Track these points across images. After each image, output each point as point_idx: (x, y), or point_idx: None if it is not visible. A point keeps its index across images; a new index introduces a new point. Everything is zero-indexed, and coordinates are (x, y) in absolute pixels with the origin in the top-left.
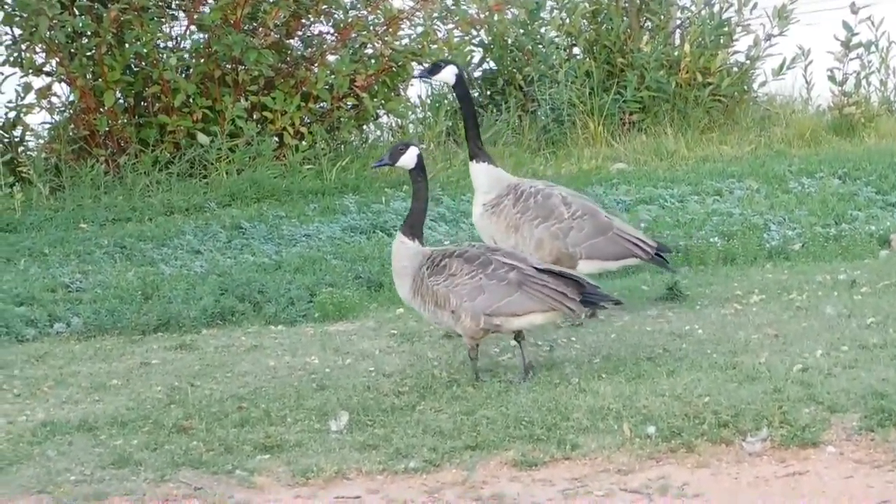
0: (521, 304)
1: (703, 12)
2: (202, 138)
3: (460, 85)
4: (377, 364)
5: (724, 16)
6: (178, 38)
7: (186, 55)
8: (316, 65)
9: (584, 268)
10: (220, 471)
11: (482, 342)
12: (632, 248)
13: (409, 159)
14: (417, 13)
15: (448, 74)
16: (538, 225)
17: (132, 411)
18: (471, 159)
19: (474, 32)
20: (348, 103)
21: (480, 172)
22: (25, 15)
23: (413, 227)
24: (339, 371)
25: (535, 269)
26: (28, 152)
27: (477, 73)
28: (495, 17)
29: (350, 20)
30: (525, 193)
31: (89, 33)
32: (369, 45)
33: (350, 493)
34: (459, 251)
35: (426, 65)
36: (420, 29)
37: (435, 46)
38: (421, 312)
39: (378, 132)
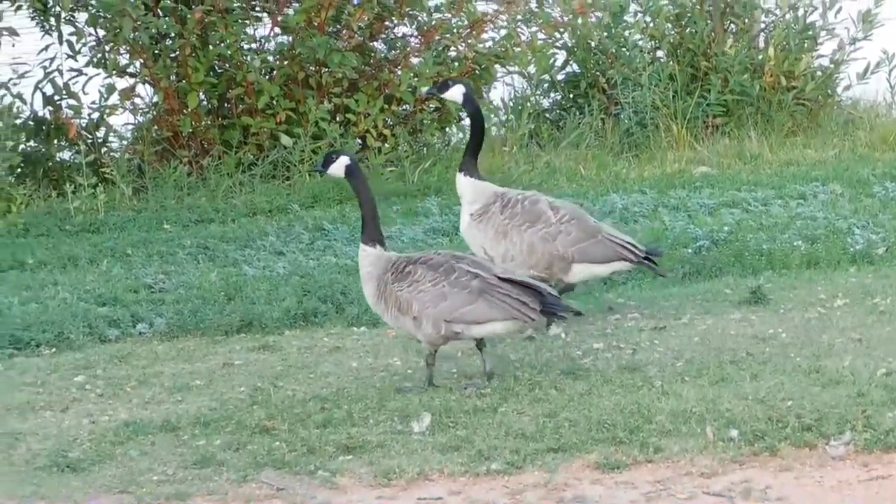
0: (482, 312)
1: (787, 16)
2: (285, 140)
3: (469, 103)
4: (459, 366)
5: (809, 20)
6: (262, 40)
7: (270, 57)
8: (399, 67)
9: (576, 271)
10: (303, 471)
11: (440, 348)
12: (620, 251)
13: (337, 168)
14: (501, 16)
15: (456, 93)
16: (526, 230)
17: (215, 412)
18: (459, 171)
19: (558, 35)
20: (431, 106)
21: (465, 184)
22: (109, 16)
23: (370, 234)
24: (420, 372)
25: (498, 277)
26: (111, 153)
27: (560, 76)
28: (579, 20)
29: (434, 23)
30: (512, 200)
31: (173, 35)
32: (452, 48)
33: (432, 494)
34: (424, 258)
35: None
36: (503, 32)
37: (518, 49)
38: (385, 318)
39: (460, 134)
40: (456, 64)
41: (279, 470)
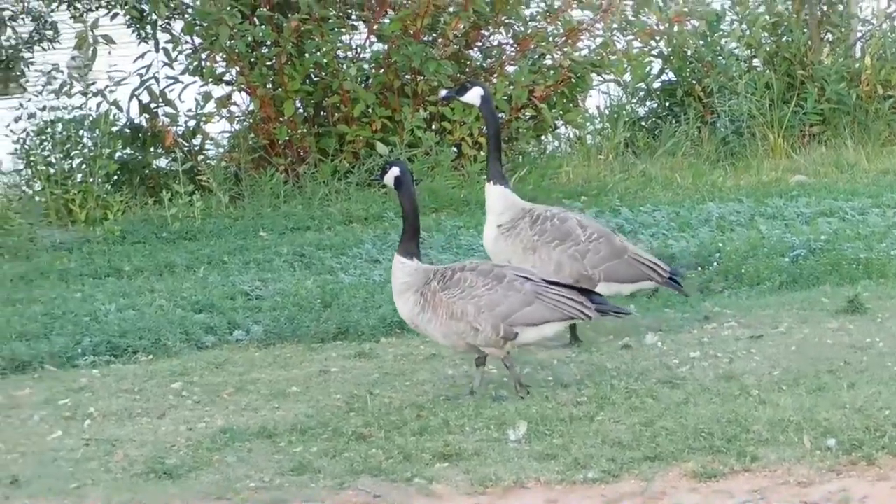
0: (540, 313)
1: (884, 25)
2: (381, 148)
3: (486, 106)
4: (555, 374)
5: None
6: (358, 49)
7: (366, 65)
8: (495, 75)
9: (601, 290)
10: (399, 478)
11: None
12: (647, 272)
13: (389, 178)
14: (597, 24)
15: (474, 96)
16: (556, 247)
17: (311, 419)
18: (488, 181)
19: (654, 43)
20: (527, 114)
21: (497, 194)
22: (206, 24)
23: (408, 247)
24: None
25: (545, 281)
26: (208, 161)
27: (656, 84)
28: (675, 29)
29: (530, 31)
30: (541, 217)
31: (269, 43)
32: (548, 57)
33: (528, 502)
34: (469, 266)
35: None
36: (599, 40)
37: (614, 57)
38: (426, 328)
39: (556, 143)
40: (551, 72)
41: (375, 477)
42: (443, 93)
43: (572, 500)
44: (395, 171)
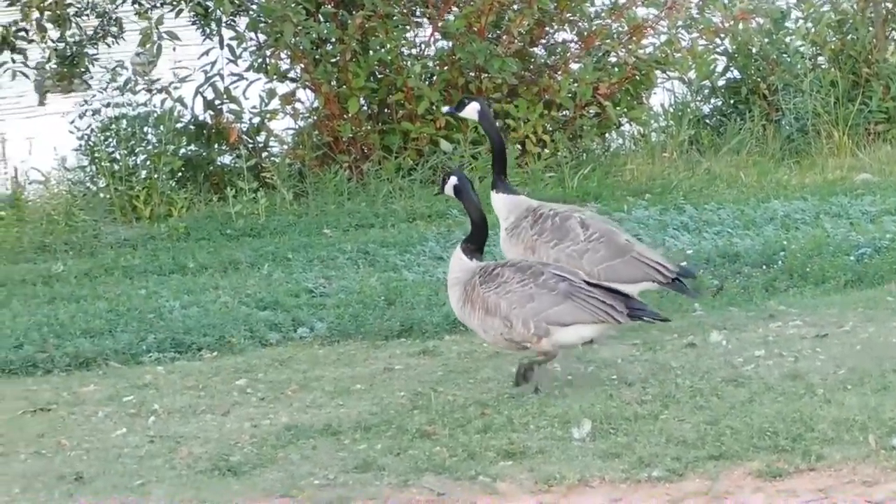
0: (569, 313)
1: None
2: (445, 145)
3: (484, 120)
4: (619, 372)
5: None
6: (423, 46)
7: (430, 62)
8: (559, 73)
9: None
10: (463, 476)
11: (559, 354)
12: (649, 272)
13: (448, 189)
14: (662, 22)
15: (471, 111)
16: (553, 246)
17: (375, 416)
18: (492, 189)
19: (718, 41)
20: (591, 111)
21: (500, 202)
22: (270, 21)
23: (472, 246)
24: (582, 379)
25: (586, 282)
26: (272, 158)
27: (721, 82)
28: (740, 26)
29: (594, 28)
30: (543, 216)
31: (334, 40)
32: (613, 54)
33: (592, 501)
34: (511, 262)
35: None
36: (664, 37)
37: (679, 55)
38: (470, 322)
39: (620, 140)
40: (616, 69)
41: (439, 475)
42: (445, 109)
43: (637, 499)
44: (452, 180)
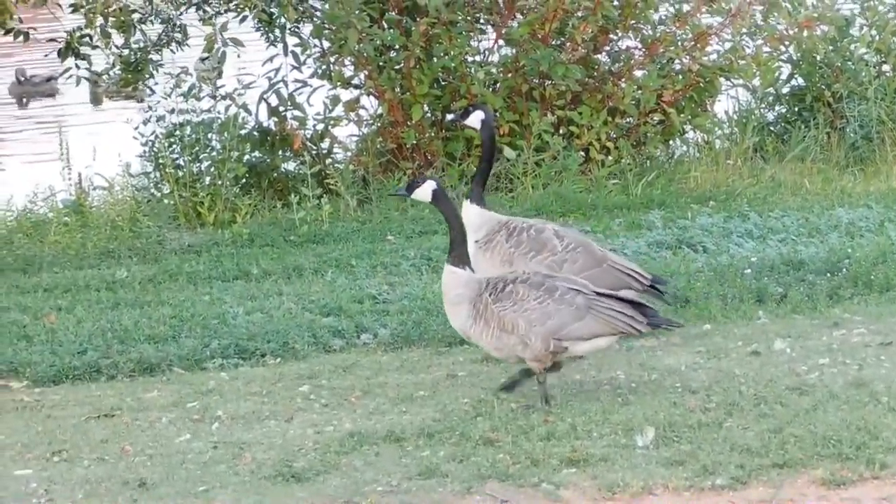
0: (590, 327)
1: None
2: (509, 152)
3: (486, 129)
4: (683, 380)
5: None
6: (486, 53)
7: (494, 69)
8: (623, 80)
9: None
10: (527, 483)
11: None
12: (626, 280)
13: (423, 193)
14: (726, 29)
15: (475, 120)
16: (532, 259)
17: (439, 423)
18: (466, 198)
19: (783, 48)
20: (655, 118)
21: (473, 213)
22: (335, 28)
23: (459, 257)
24: (645, 386)
25: (596, 293)
26: (336, 164)
27: (785, 89)
28: (804, 34)
29: (658, 35)
30: (517, 228)
31: (398, 47)
32: (677, 61)
33: None
34: (522, 277)
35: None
36: (728, 44)
37: (743, 62)
38: (479, 340)
39: (684, 147)
40: (680, 77)
41: (503, 482)
42: (450, 116)
43: None
44: (430, 184)
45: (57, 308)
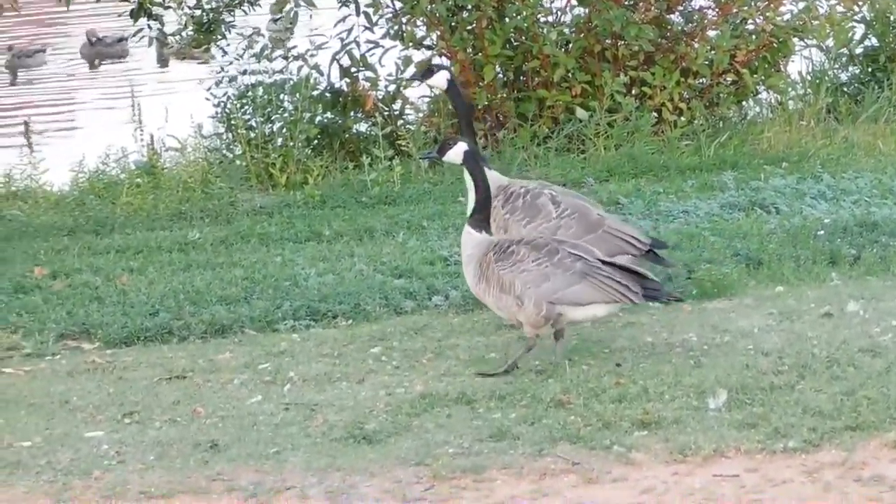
0: (585, 293)
1: None
2: (581, 113)
3: (452, 89)
4: (756, 342)
5: None
6: (559, 13)
7: (566, 30)
8: (696, 40)
9: None
10: (598, 446)
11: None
12: (623, 246)
13: (454, 155)
14: None
15: (440, 79)
16: (526, 225)
17: (510, 385)
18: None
19: (856, 8)
20: (728, 79)
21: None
22: None
23: (479, 220)
24: (717, 348)
25: (601, 261)
26: (407, 126)
27: (859, 50)
28: None
29: None
30: (514, 194)
31: (470, 7)
32: (750, 21)
33: (728, 471)
34: (527, 239)
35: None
36: (802, 4)
37: (816, 22)
38: (485, 299)
39: (757, 108)
40: (753, 37)
41: (574, 444)
42: (409, 73)
43: (772, 470)
44: (461, 146)
45: (129, 269)
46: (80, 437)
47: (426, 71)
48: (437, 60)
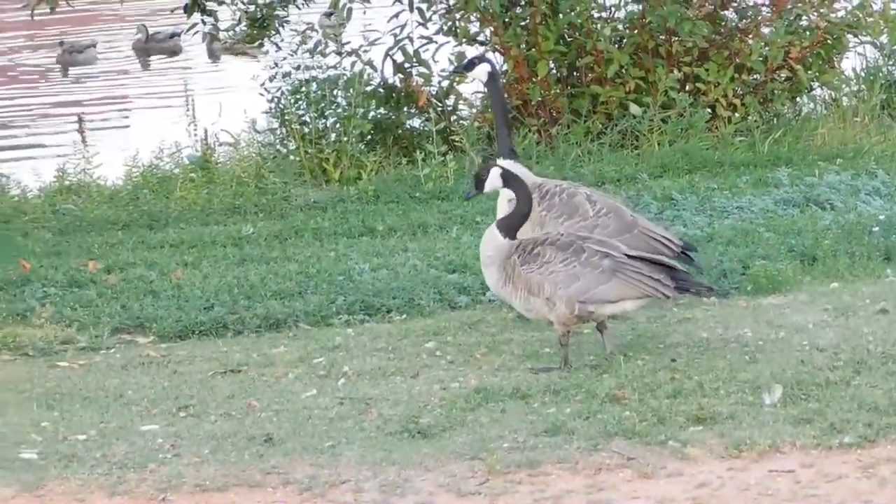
0: (616, 290)
1: None
2: (635, 109)
3: (492, 82)
4: (811, 338)
5: None
6: (612, 9)
7: (620, 26)
8: (750, 36)
9: None
10: (653, 441)
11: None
12: (657, 247)
13: (493, 181)
14: None
15: (481, 72)
16: (563, 222)
17: (564, 380)
18: (498, 157)
19: None
20: (782, 75)
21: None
22: None
23: (509, 225)
24: (772, 344)
25: (627, 255)
26: (461, 121)
27: None
28: None
29: None
30: (550, 192)
31: (524, 2)
32: (804, 17)
33: (783, 466)
34: (551, 239)
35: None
36: (856, 1)
37: (871, 19)
38: (511, 301)
39: (811, 105)
40: (807, 33)
41: (629, 439)
42: (451, 68)
43: (828, 465)
44: (496, 171)
45: (183, 264)
46: (135, 431)
47: (468, 63)
48: (490, 56)
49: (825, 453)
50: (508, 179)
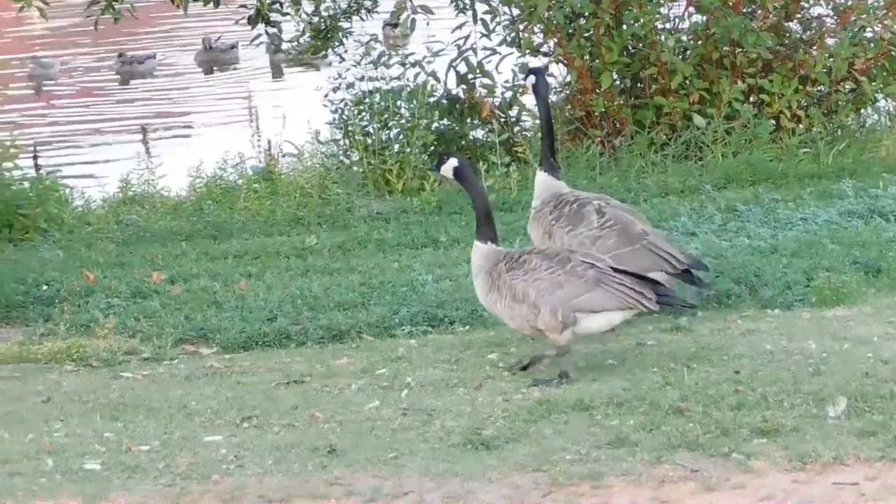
0: (599, 300)
1: None
2: (698, 120)
3: (538, 91)
4: (875, 350)
5: None
6: (676, 20)
7: (684, 37)
8: (814, 48)
9: None
10: (717, 453)
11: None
12: (659, 262)
13: (446, 170)
14: None
15: (528, 81)
16: (568, 232)
17: (628, 392)
18: (539, 166)
19: None
20: (846, 87)
21: (537, 180)
22: None
23: (483, 232)
24: (836, 356)
25: (612, 269)
26: (524, 132)
27: None
28: None
29: (850, 3)
30: (564, 201)
31: (588, 14)
32: (869, 29)
33: (847, 479)
34: (538, 249)
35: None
36: None
37: None
38: (496, 310)
39: (875, 116)
40: (872, 45)
41: (693, 452)
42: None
43: (892, 478)
44: (452, 162)
45: (247, 275)
46: (199, 442)
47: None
48: (554, 68)
49: (889, 466)
50: (460, 174)
